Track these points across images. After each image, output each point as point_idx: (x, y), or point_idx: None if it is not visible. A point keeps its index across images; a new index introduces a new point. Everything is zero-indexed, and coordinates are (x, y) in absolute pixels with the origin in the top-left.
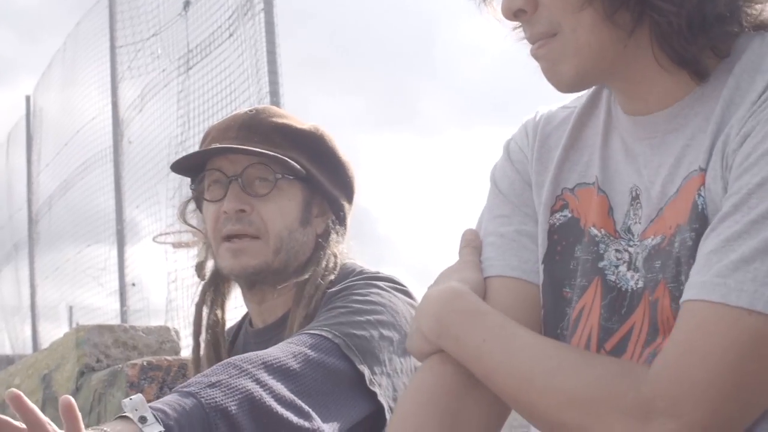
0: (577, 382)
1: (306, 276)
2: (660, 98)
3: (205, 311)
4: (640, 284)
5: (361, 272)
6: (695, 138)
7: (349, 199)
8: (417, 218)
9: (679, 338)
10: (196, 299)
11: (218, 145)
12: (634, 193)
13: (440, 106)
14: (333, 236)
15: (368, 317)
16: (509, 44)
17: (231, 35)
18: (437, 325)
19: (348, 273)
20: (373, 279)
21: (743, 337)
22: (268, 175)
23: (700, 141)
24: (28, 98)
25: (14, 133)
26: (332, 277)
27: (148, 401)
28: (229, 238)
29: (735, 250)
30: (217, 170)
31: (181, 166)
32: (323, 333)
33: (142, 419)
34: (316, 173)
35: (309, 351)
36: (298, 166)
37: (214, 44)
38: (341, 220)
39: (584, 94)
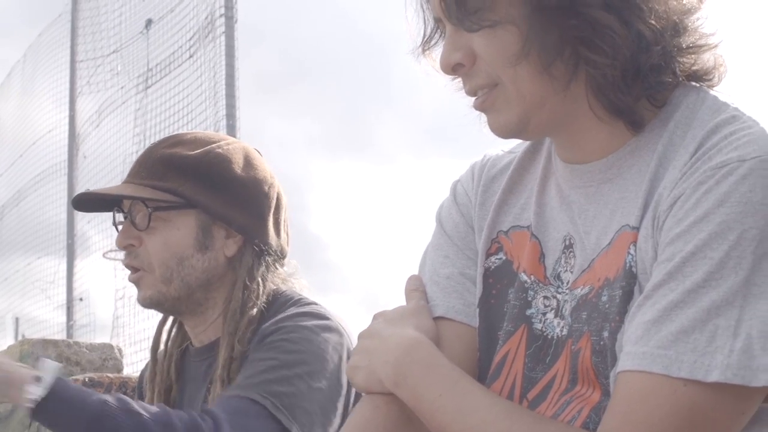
0: None
1: (223, 307)
2: (596, 148)
3: (165, 329)
4: (565, 332)
5: (298, 302)
6: (629, 191)
7: (259, 217)
8: (367, 246)
9: (619, 409)
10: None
11: (89, 189)
12: (567, 242)
13: (395, 134)
14: (248, 258)
15: (296, 370)
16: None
17: (191, 56)
18: (395, 374)
19: (284, 302)
20: (303, 317)
21: (682, 408)
22: (143, 210)
23: (634, 196)
24: None
25: None
26: (259, 303)
27: None
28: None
29: (673, 321)
30: (120, 208)
31: (88, 206)
32: (250, 395)
33: (38, 379)
34: (203, 198)
35: (236, 418)
36: (173, 197)
37: (173, 64)
38: (261, 240)
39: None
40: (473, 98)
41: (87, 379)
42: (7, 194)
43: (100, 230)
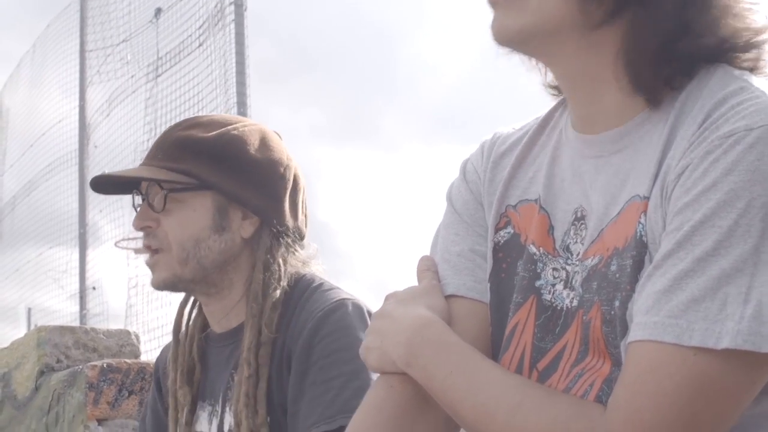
0: (537, 421)
1: (244, 291)
2: (609, 116)
3: (186, 310)
4: (575, 303)
5: (320, 286)
6: (639, 161)
7: (275, 198)
8: (376, 233)
9: (630, 380)
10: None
11: (106, 172)
12: (579, 214)
13: (401, 122)
14: (266, 239)
15: (364, 375)
16: (469, 64)
17: (201, 45)
18: (406, 354)
19: (306, 287)
20: (337, 312)
21: (693, 378)
22: (159, 192)
23: (645, 166)
24: None
25: None
26: (282, 285)
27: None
28: (145, 252)
29: (684, 290)
30: (138, 190)
31: (107, 188)
32: (338, 423)
33: None
34: (218, 180)
35: None
36: (188, 178)
37: (183, 53)
38: (277, 221)
39: (539, 116)
40: None
41: (105, 365)
42: (18, 185)
43: (111, 220)
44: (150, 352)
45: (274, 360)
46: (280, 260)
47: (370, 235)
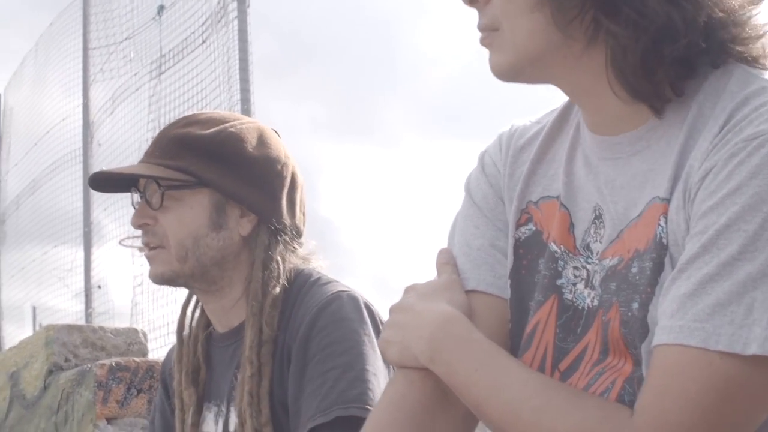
0: (564, 422)
1: (243, 289)
2: (622, 123)
3: (189, 311)
4: (596, 303)
5: (318, 280)
6: (657, 162)
7: (272, 195)
8: (378, 228)
9: (656, 383)
10: (184, 300)
11: (104, 168)
12: (597, 212)
13: (401, 115)
14: (264, 237)
15: (359, 366)
16: (469, 58)
17: (204, 42)
18: (430, 350)
19: (304, 282)
20: (331, 304)
21: (719, 381)
22: (156, 189)
23: (663, 167)
24: None
25: None
26: (282, 283)
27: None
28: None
29: (709, 294)
30: (136, 187)
31: (106, 186)
32: (334, 414)
33: None
34: (215, 177)
35: None
36: (185, 175)
37: (186, 50)
38: (275, 219)
39: (557, 108)
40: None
41: (114, 364)
42: (22, 184)
43: (116, 218)
44: (155, 350)
45: (275, 357)
46: (279, 258)
47: (372, 231)
